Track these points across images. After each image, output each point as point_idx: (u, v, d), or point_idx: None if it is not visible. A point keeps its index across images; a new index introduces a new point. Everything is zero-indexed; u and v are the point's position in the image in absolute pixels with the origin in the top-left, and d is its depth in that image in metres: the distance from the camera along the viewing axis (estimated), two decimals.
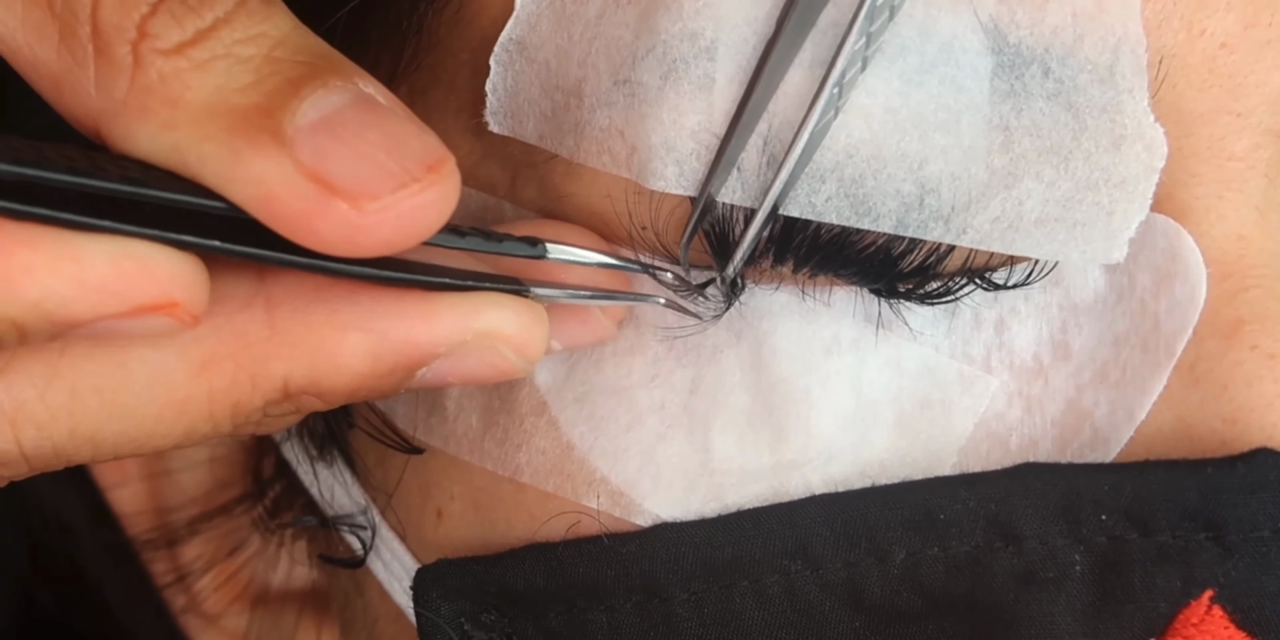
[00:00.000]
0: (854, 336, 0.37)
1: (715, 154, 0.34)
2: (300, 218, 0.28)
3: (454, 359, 0.31)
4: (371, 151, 0.28)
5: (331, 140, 0.28)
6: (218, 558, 0.46)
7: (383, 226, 0.28)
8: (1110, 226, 0.35)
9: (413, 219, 0.28)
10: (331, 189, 0.28)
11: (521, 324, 0.32)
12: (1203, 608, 0.35)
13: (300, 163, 0.28)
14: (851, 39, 0.33)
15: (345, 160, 0.28)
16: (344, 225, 0.28)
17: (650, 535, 0.37)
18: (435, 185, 0.29)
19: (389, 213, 0.28)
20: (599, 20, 0.35)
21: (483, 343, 0.31)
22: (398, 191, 0.28)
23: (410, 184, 0.28)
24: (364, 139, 0.28)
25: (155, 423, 0.30)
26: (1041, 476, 0.36)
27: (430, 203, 0.29)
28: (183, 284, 0.28)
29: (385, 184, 0.28)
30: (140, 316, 0.28)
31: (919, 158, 0.34)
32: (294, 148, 0.28)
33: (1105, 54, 0.35)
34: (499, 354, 0.32)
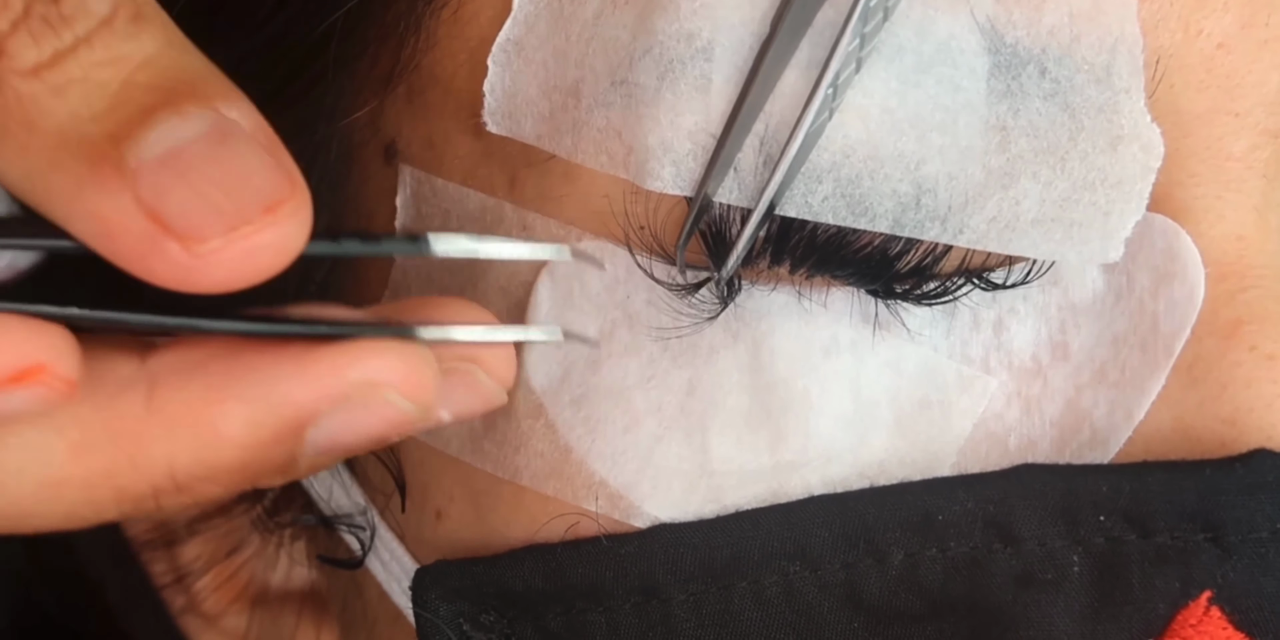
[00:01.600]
0: (852, 337, 0.37)
1: (712, 154, 0.34)
2: (136, 256, 0.27)
3: (341, 416, 0.30)
4: (209, 190, 0.27)
5: (172, 176, 0.27)
6: (217, 558, 0.46)
7: (215, 269, 0.27)
8: (1107, 227, 0.35)
9: (247, 262, 0.27)
10: (165, 228, 0.27)
11: (406, 368, 0.30)
12: (1201, 609, 0.35)
13: (139, 198, 0.27)
14: (845, 40, 0.33)
15: (182, 199, 0.27)
16: (177, 266, 0.27)
17: (648, 536, 0.37)
18: (270, 227, 0.27)
19: (219, 255, 0.27)
20: (596, 21, 0.36)
21: (366, 393, 0.29)
22: (228, 234, 0.27)
23: (241, 226, 0.27)
24: (205, 176, 0.27)
25: (32, 502, 0.29)
26: (1039, 477, 0.36)
27: (265, 245, 0.27)
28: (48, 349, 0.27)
29: (216, 225, 0.27)
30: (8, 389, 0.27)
31: (916, 158, 0.34)
32: (135, 182, 0.27)
33: (1102, 54, 0.35)
34: (388, 403, 0.30)
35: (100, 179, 0.27)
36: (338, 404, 0.29)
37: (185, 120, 0.28)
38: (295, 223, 0.28)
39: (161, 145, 0.27)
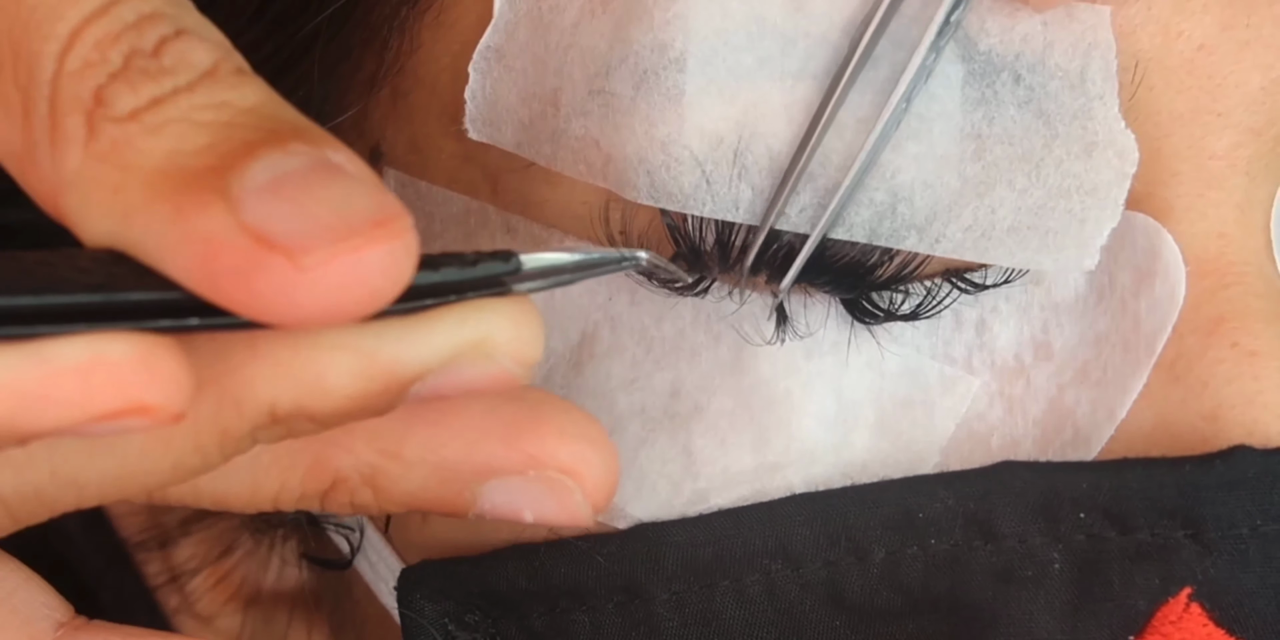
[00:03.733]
0: (834, 338, 0.37)
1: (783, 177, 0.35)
2: (239, 278, 0.26)
3: (448, 373, 0.29)
4: (315, 208, 0.26)
5: (277, 199, 0.26)
6: (210, 558, 0.47)
7: (320, 286, 0.26)
8: (1082, 234, 0.35)
9: (353, 280, 0.26)
10: (270, 244, 0.26)
11: (514, 328, 0.30)
12: (1181, 605, 0.35)
13: (242, 221, 0.26)
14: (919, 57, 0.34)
15: (287, 216, 0.26)
16: (282, 283, 0.26)
17: (631, 536, 0.37)
18: (381, 241, 0.26)
19: (325, 268, 0.26)
20: (574, 29, 0.36)
21: (477, 352, 0.29)
22: (335, 244, 0.26)
23: (350, 238, 0.26)
24: (311, 197, 0.27)
25: (140, 458, 0.29)
26: (1020, 475, 0.36)
27: (375, 260, 0.26)
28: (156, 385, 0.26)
29: (324, 236, 0.26)
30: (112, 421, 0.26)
31: (891, 166, 0.34)
32: (239, 207, 0.26)
33: (1075, 60, 0.35)
34: (494, 363, 0.30)
35: (202, 204, 0.26)
36: (447, 364, 0.29)
37: (288, 155, 0.27)
38: (403, 242, 0.27)
39: (265, 175, 0.27)
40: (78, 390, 0.26)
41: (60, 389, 0.26)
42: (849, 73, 0.34)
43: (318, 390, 0.28)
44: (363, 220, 0.26)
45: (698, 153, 0.34)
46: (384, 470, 0.32)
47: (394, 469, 0.32)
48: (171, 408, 0.26)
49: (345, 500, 0.32)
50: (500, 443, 0.32)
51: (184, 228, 0.26)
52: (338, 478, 0.32)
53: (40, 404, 0.26)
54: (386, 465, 0.32)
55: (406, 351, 0.29)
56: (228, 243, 0.26)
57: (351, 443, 0.32)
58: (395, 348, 0.29)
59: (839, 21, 0.34)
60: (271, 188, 0.26)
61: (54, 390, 0.26)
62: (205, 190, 0.26)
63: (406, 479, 0.32)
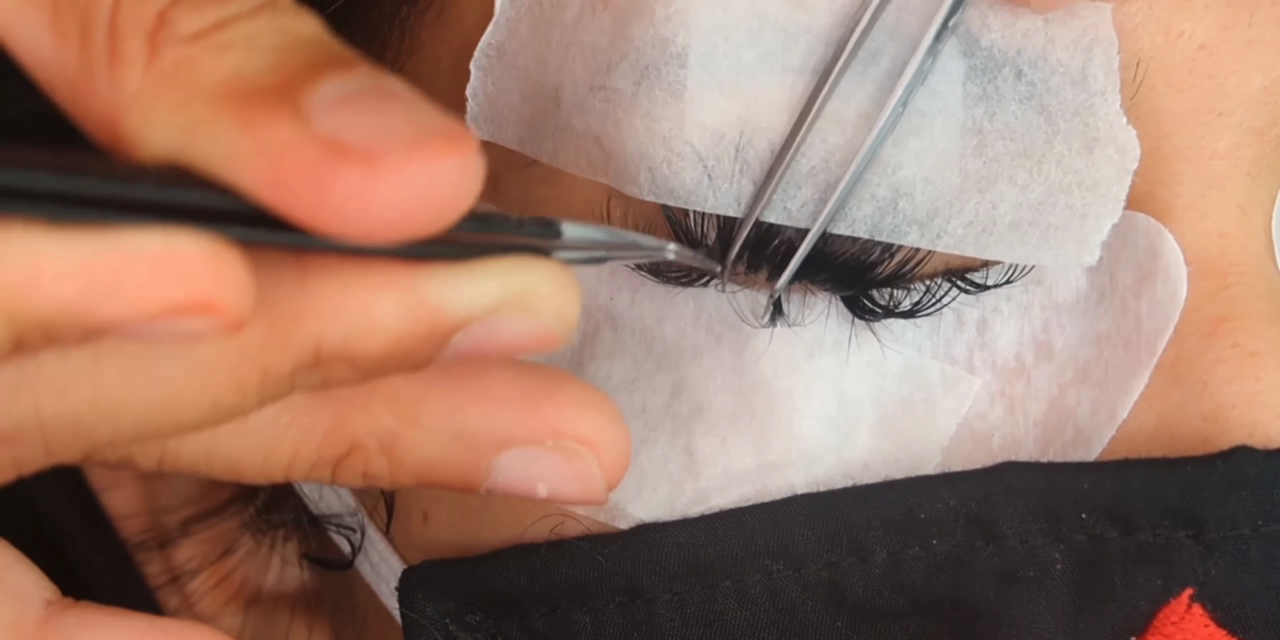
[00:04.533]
0: (835, 338, 0.37)
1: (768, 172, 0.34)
2: (310, 183, 0.26)
3: (491, 324, 0.29)
4: (389, 119, 0.27)
5: (348, 112, 0.26)
6: (210, 559, 0.47)
7: (393, 192, 0.26)
8: (1083, 230, 0.35)
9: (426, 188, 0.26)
10: (344, 151, 0.26)
11: (557, 285, 0.30)
12: (1183, 606, 0.35)
13: (314, 131, 0.26)
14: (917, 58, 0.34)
15: (361, 127, 0.26)
16: (356, 189, 0.26)
17: (632, 536, 0.37)
18: (455, 153, 0.26)
19: (399, 175, 0.26)
20: (575, 26, 0.36)
21: (521, 304, 0.29)
22: (410, 150, 0.26)
23: (425, 146, 0.26)
24: (383, 109, 0.27)
25: (182, 389, 0.28)
26: (1022, 475, 0.36)
27: (449, 170, 0.26)
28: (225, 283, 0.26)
29: (399, 142, 0.26)
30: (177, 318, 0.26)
31: (893, 162, 0.34)
32: (309, 119, 0.26)
33: (1077, 56, 0.35)
34: (537, 318, 0.30)
35: (271, 116, 0.26)
36: (492, 312, 0.29)
37: (353, 78, 0.27)
38: (475, 158, 0.27)
39: (333, 92, 0.27)
40: (149, 279, 0.26)
41: (133, 276, 0.26)
42: (838, 67, 0.34)
43: (365, 329, 0.28)
44: (435, 132, 0.26)
45: (699, 148, 0.34)
46: (401, 436, 0.32)
47: (412, 435, 0.32)
48: (237, 310, 0.26)
49: (359, 469, 0.32)
50: (519, 411, 0.32)
51: (254, 137, 0.26)
52: (354, 444, 0.32)
53: (110, 290, 0.26)
54: (404, 431, 0.32)
55: (454, 294, 0.29)
56: (300, 150, 0.26)
57: (370, 405, 0.31)
58: (444, 290, 0.29)
59: (841, 17, 0.34)
60: (341, 102, 0.27)
61: (126, 277, 0.26)
62: (274, 104, 0.26)
63: (424, 445, 0.32)
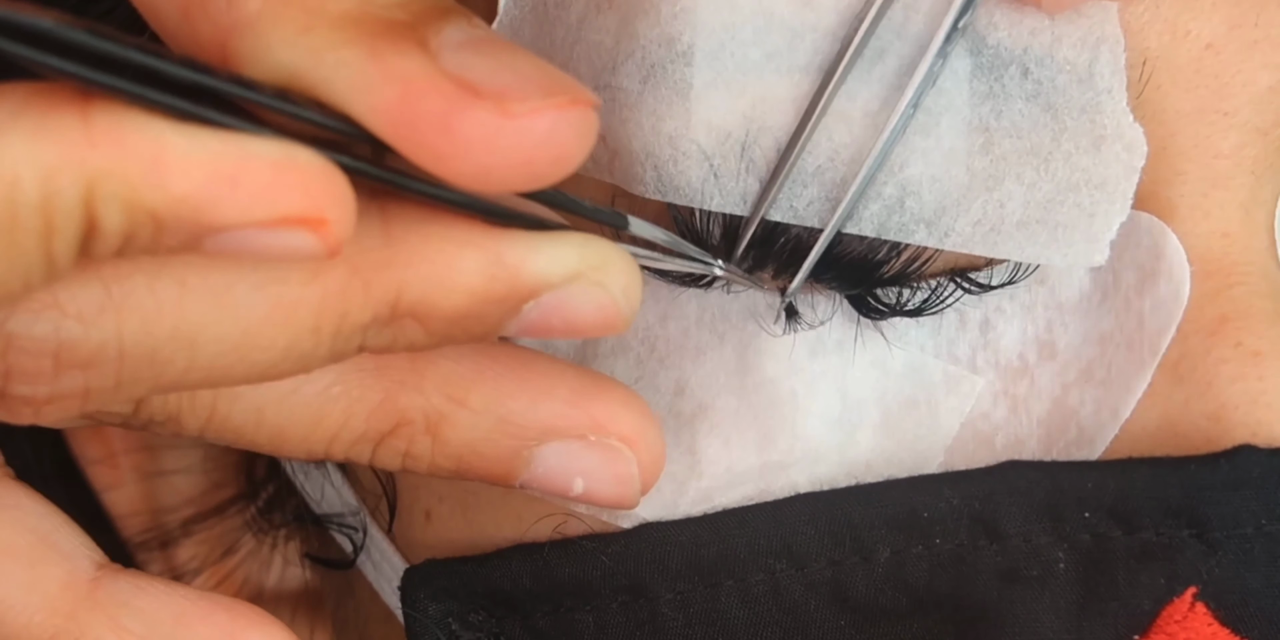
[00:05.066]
0: (839, 337, 0.37)
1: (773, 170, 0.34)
2: (439, 118, 0.26)
3: (562, 295, 0.30)
4: (519, 65, 0.27)
5: (476, 55, 0.27)
6: (211, 558, 0.47)
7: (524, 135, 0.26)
8: (1091, 228, 0.35)
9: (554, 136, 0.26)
10: (476, 91, 0.26)
11: (629, 264, 0.30)
12: (1186, 605, 0.35)
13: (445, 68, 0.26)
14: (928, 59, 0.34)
15: (491, 70, 0.26)
16: (484, 128, 0.26)
17: (635, 535, 0.37)
18: (582, 104, 0.27)
19: (533, 119, 0.26)
20: (580, 25, 0.36)
21: (595, 278, 0.30)
22: (546, 97, 0.26)
23: (558, 94, 0.27)
24: (514, 56, 0.27)
25: (261, 326, 0.28)
26: (1025, 474, 0.36)
27: (576, 123, 0.27)
28: (335, 200, 0.26)
29: (532, 89, 0.26)
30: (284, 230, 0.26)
31: (899, 160, 0.34)
32: (438, 56, 0.26)
33: (1084, 54, 0.35)
34: (608, 293, 0.30)
35: (400, 49, 0.26)
36: (566, 282, 0.29)
37: (475, 26, 0.27)
38: (594, 113, 0.27)
39: (460, 35, 0.27)
40: (268, 183, 0.26)
41: (253, 178, 0.26)
42: (844, 65, 0.34)
43: (445, 283, 0.28)
44: (564, 83, 0.27)
45: (705, 147, 0.34)
46: (449, 417, 0.32)
47: (459, 416, 0.32)
48: (341, 231, 0.26)
49: (402, 447, 0.32)
50: (566, 403, 0.32)
51: (381, 68, 0.26)
52: (402, 419, 0.32)
53: (229, 190, 0.26)
54: (452, 411, 0.32)
55: (534, 258, 0.29)
56: (432, 85, 0.26)
57: (422, 384, 0.32)
58: (525, 253, 0.29)
59: (847, 15, 0.34)
60: (469, 45, 0.27)
61: (248, 177, 0.26)
62: (402, 38, 0.26)
63: (470, 428, 0.32)
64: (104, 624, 0.31)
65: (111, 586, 0.31)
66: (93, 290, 0.28)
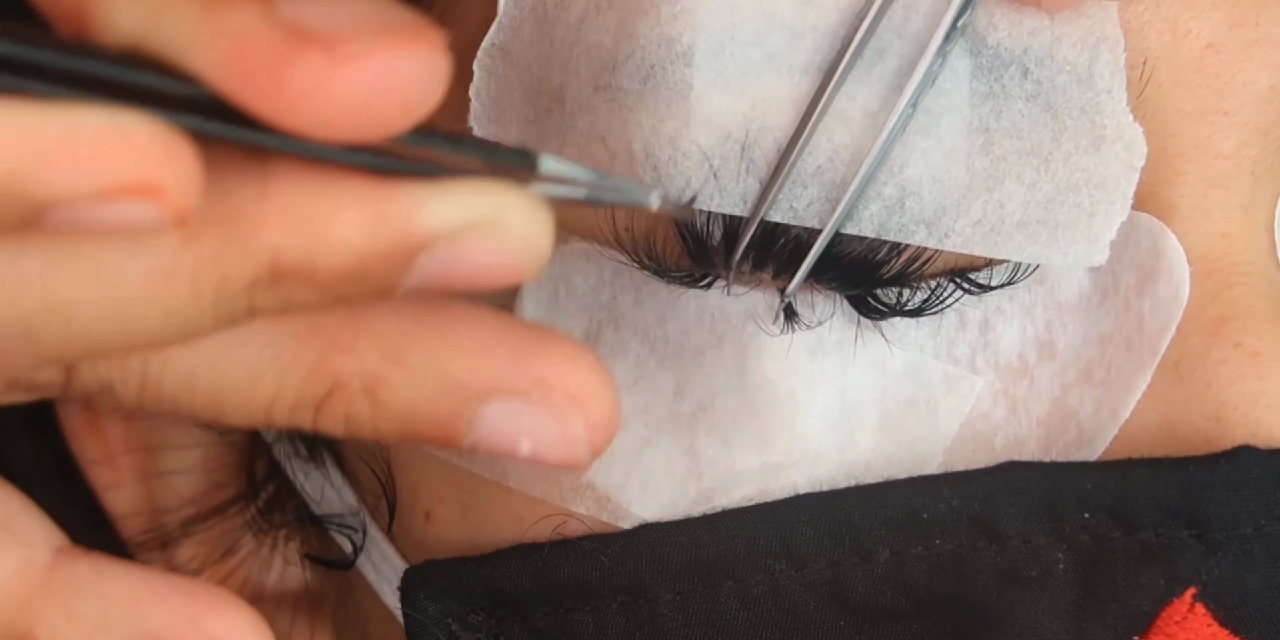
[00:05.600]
0: (838, 337, 0.37)
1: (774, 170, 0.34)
2: (269, 69, 0.25)
3: (458, 246, 0.28)
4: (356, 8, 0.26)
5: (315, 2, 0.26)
6: (211, 559, 0.46)
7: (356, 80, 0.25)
8: (1092, 228, 0.35)
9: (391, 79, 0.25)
10: (305, 37, 0.25)
11: (529, 212, 0.28)
12: (1185, 605, 0.35)
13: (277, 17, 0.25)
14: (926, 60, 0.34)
15: (325, 16, 0.25)
16: (315, 76, 0.25)
17: (635, 536, 0.37)
18: (420, 44, 0.26)
19: (364, 62, 0.25)
20: (580, 26, 0.36)
21: (490, 227, 0.28)
22: (375, 39, 0.25)
23: (389, 35, 0.25)
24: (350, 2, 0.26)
25: (137, 295, 0.27)
26: (1024, 475, 0.36)
27: (412, 63, 0.25)
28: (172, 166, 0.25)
29: (363, 31, 0.25)
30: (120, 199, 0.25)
31: (899, 160, 0.34)
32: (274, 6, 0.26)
33: (1084, 54, 0.35)
34: (507, 242, 0.28)
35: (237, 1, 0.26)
36: (459, 233, 0.28)
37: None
38: (440, 54, 0.26)
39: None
40: (92, 154, 0.25)
41: (79, 148, 0.25)
42: (844, 66, 0.34)
43: (325, 241, 0.27)
44: (401, 26, 0.26)
45: (705, 147, 0.34)
46: (386, 377, 0.30)
47: (397, 376, 0.31)
48: (181, 198, 0.25)
49: (341, 410, 0.31)
50: (508, 360, 0.30)
51: (215, 23, 0.26)
52: (337, 382, 0.30)
53: (54, 162, 0.25)
54: (389, 372, 0.30)
55: (419, 210, 0.28)
56: (261, 35, 0.25)
57: (356, 345, 0.30)
58: (410, 205, 0.28)
59: (847, 15, 0.34)
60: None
61: (72, 149, 0.25)
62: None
63: (408, 389, 0.31)
64: (57, 610, 0.30)
65: (68, 572, 0.30)
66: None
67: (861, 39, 0.34)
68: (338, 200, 0.27)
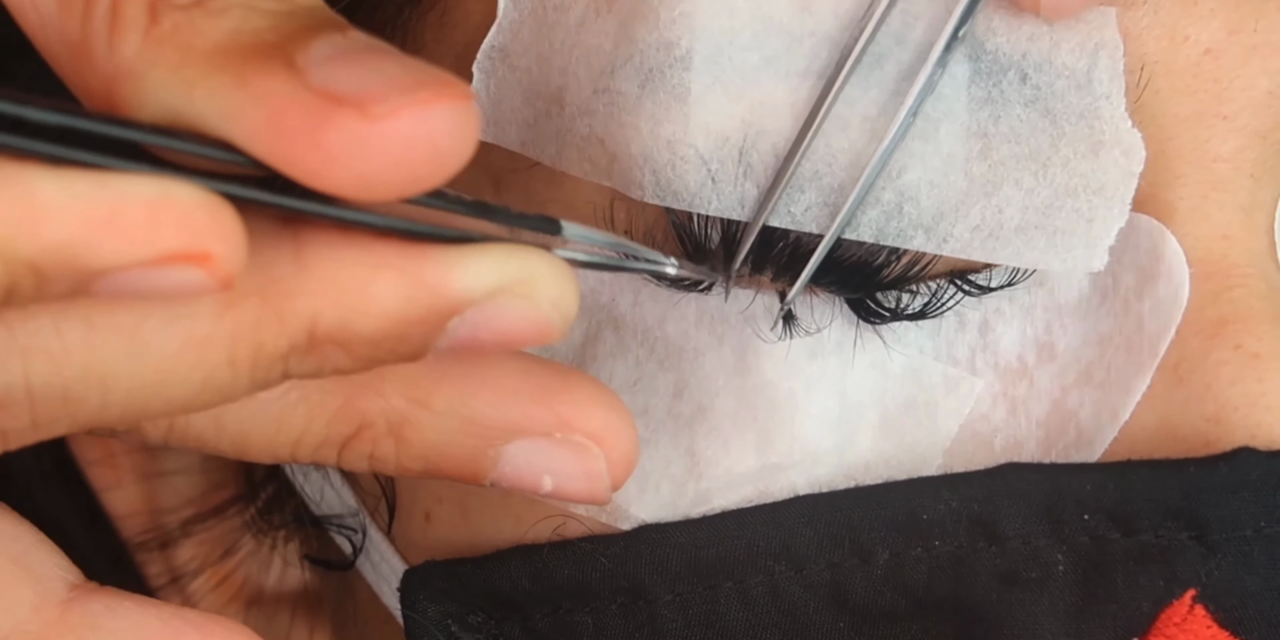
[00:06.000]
0: (837, 339, 0.37)
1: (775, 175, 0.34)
2: (306, 133, 0.26)
3: (487, 310, 0.29)
4: (383, 68, 0.26)
5: (343, 65, 0.26)
6: (211, 559, 0.47)
7: (390, 137, 0.26)
8: (1090, 234, 0.35)
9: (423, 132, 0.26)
10: (338, 99, 0.26)
11: (557, 276, 0.29)
12: (1185, 607, 0.35)
13: (308, 83, 0.26)
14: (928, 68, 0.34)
15: (354, 77, 0.26)
16: (351, 135, 0.26)
17: (634, 537, 0.37)
18: (448, 98, 0.26)
19: (396, 117, 0.26)
20: (579, 29, 0.36)
21: (520, 291, 0.29)
22: (405, 96, 0.26)
23: (419, 90, 0.26)
24: (377, 61, 0.27)
25: (174, 363, 0.28)
26: (1024, 476, 0.36)
27: (443, 116, 0.26)
28: (220, 233, 0.26)
29: (392, 89, 0.26)
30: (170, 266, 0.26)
31: (897, 165, 0.34)
32: (305, 72, 0.26)
33: (1082, 59, 0.35)
34: (536, 305, 0.29)
35: (266, 70, 0.26)
36: (490, 297, 0.29)
37: (349, 37, 0.27)
38: (469, 105, 0.27)
39: (328, 49, 0.27)
40: (145, 222, 0.26)
41: (129, 218, 0.26)
42: (844, 71, 0.34)
43: (360, 307, 0.28)
44: (430, 79, 0.26)
45: (703, 151, 0.34)
46: (412, 419, 0.32)
47: (422, 418, 0.32)
48: (229, 264, 0.26)
49: (366, 450, 0.32)
50: (532, 401, 0.32)
51: (249, 91, 0.26)
52: (364, 423, 0.31)
53: (107, 232, 0.25)
54: (415, 414, 0.32)
55: (452, 276, 0.28)
56: (294, 101, 0.26)
57: (383, 387, 0.31)
58: (442, 270, 0.28)
59: (845, 20, 0.34)
60: (336, 57, 0.27)
61: (123, 219, 0.25)
62: (269, 59, 0.26)
63: (433, 429, 0.32)
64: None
65: (82, 608, 0.30)
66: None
67: (864, 45, 0.34)
68: (373, 265, 0.28)
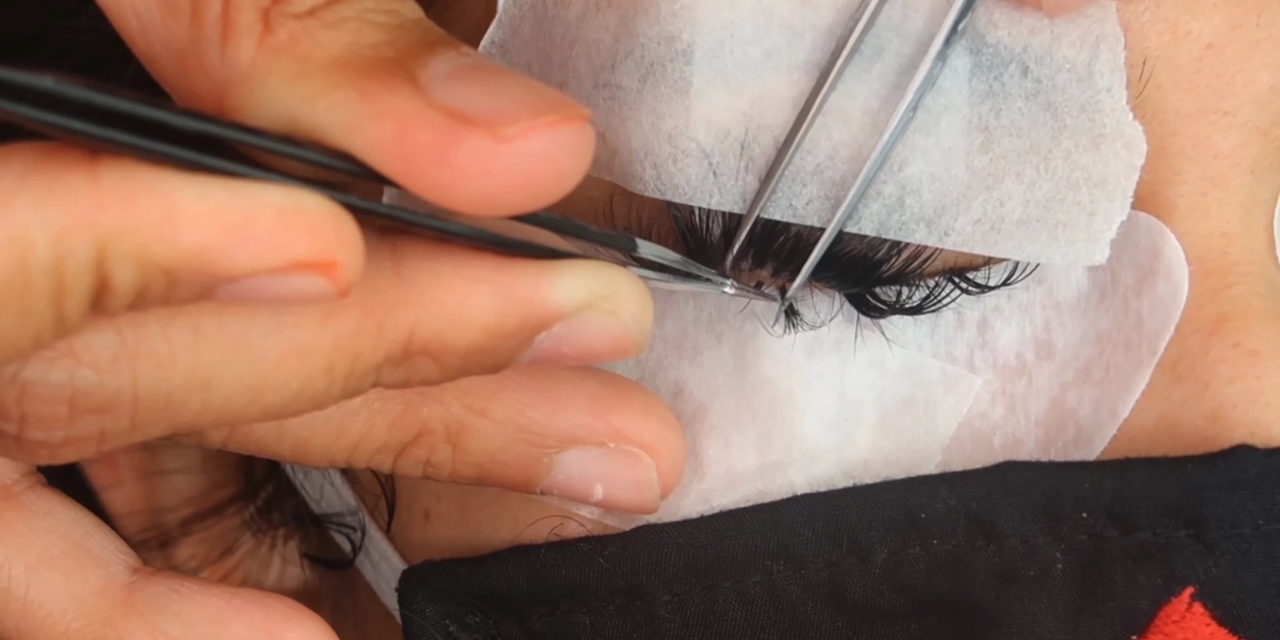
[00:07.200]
0: (836, 337, 0.37)
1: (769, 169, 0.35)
2: (435, 150, 0.27)
3: (574, 325, 0.30)
4: (508, 89, 0.27)
5: (466, 84, 0.27)
6: (210, 558, 0.47)
7: (519, 157, 0.27)
8: (1092, 227, 0.35)
9: (550, 153, 0.27)
10: (467, 120, 0.27)
11: (639, 291, 0.31)
12: (1183, 605, 0.35)
13: (433, 101, 0.27)
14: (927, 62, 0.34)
15: (481, 97, 0.27)
16: (482, 155, 0.27)
17: (632, 537, 0.37)
18: (575, 120, 0.27)
19: (526, 140, 0.27)
20: (579, 23, 0.36)
21: (605, 307, 0.30)
22: (536, 118, 0.27)
23: (548, 113, 0.27)
24: (500, 81, 0.27)
25: (275, 369, 0.29)
26: (1022, 475, 0.36)
27: (569, 136, 0.27)
28: (344, 242, 0.27)
29: (522, 111, 0.27)
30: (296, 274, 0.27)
31: (899, 159, 0.34)
32: (428, 90, 0.27)
33: (1083, 53, 0.35)
34: (619, 321, 0.30)
35: (390, 86, 0.27)
36: (577, 312, 0.30)
37: (465, 54, 0.28)
38: (589, 127, 0.28)
39: (447, 67, 0.27)
40: (278, 230, 0.26)
41: (263, 226, 0.26)
42: (842, 64, 0.34)
43: (457, 319, 0.29)
44: (554, 101, 0.27)
45: (704, 145, 0.34)
46: (470, 427, 0.32)
47: (480, 426, 0.33)
48: (350, 273, 0.27)
49: (423, 456, 0.33)
50: (586, 412, 0.33)
51: (374, 106, 0.27)
52: (423, 430, 0.32)
53: (240, 241, 0.26)
54: (473, 421, 0.32)
55: (546, 289, 0.30)
56: (422, 118, 0.27)
57: (443, 396, 0.32)
58: (536, 285, 0.29)
59: (845, 13, 0.34)
60: (456, 75, 0.27)
61: (256, 228, 0.26)
62: (391, 75, 0.27)
63: (490, 437, 0.33)
64: (141, 628, 0.31)
65: (146, 590, 0.31)
66: (107, 338, 0.28)
67: (859, 37, 0.34)
68: (470, 278, 0.29)
